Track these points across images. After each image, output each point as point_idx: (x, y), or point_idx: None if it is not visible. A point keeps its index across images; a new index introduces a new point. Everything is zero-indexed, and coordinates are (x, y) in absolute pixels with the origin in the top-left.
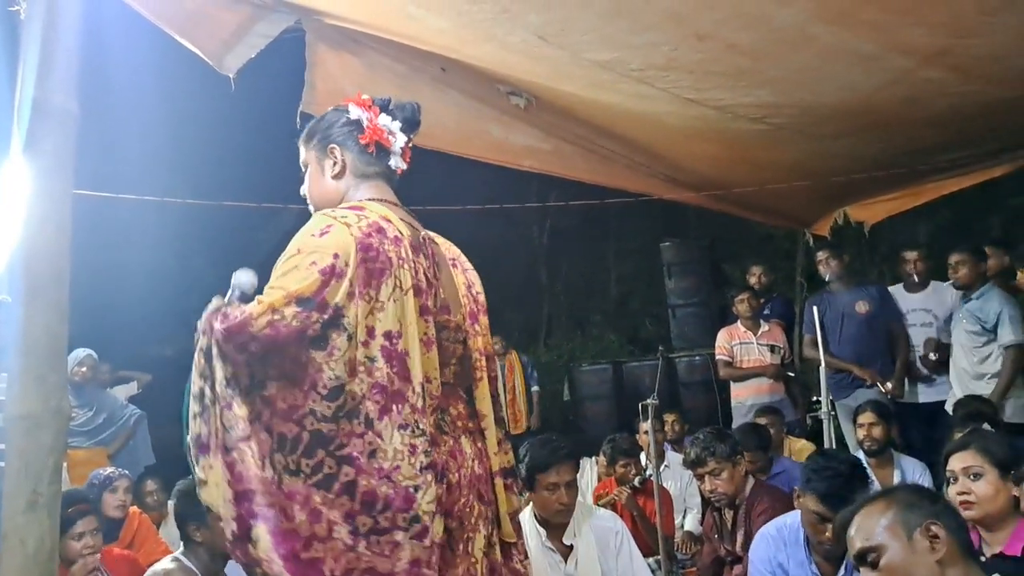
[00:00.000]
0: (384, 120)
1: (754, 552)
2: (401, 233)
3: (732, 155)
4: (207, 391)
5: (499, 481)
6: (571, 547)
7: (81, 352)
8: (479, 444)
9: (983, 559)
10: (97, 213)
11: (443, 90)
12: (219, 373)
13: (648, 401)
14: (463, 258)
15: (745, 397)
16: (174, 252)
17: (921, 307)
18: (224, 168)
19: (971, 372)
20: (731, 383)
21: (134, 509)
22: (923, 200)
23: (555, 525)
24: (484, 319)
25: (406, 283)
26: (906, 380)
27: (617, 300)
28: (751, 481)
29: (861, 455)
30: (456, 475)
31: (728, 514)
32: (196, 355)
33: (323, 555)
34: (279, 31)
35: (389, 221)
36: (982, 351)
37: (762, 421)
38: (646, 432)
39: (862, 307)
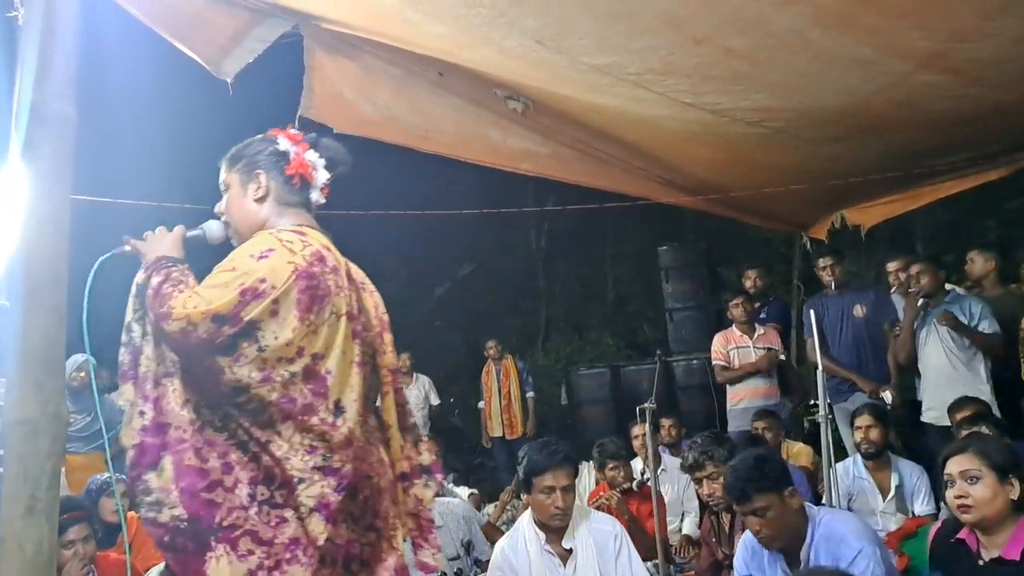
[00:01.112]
0: (311, 156)
1: (736, 557)
2: (338, 262)
3: (729, 159)
4: (135, 326)
5: (402, 485)
6: (570, 551)
7: (79, 357)
8: (387, 451)
9: (981, 563)
10: (95, 218)
11: (441, 94)
12: (151, 316)
13: (646, 405)
14: (368, 281)
15: (739, 400)
16: None
17: None
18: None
19: (963, 372)
20: (727, 386)
21: (132, 514)
22: (920, 203)
23: (554, 529)
24: (389, 336)
25: (341, 309)
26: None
27: (615, 304)
28: None
29: (859, 458)
30: (380, 480)
31: (726, 518)
32: (134, 286)
33: (221, 502)
34: (276, 36)
35: (329, 250)
36: (969, 350)
37: (759, 424)
38: (636, 436)
39: (859, 311)
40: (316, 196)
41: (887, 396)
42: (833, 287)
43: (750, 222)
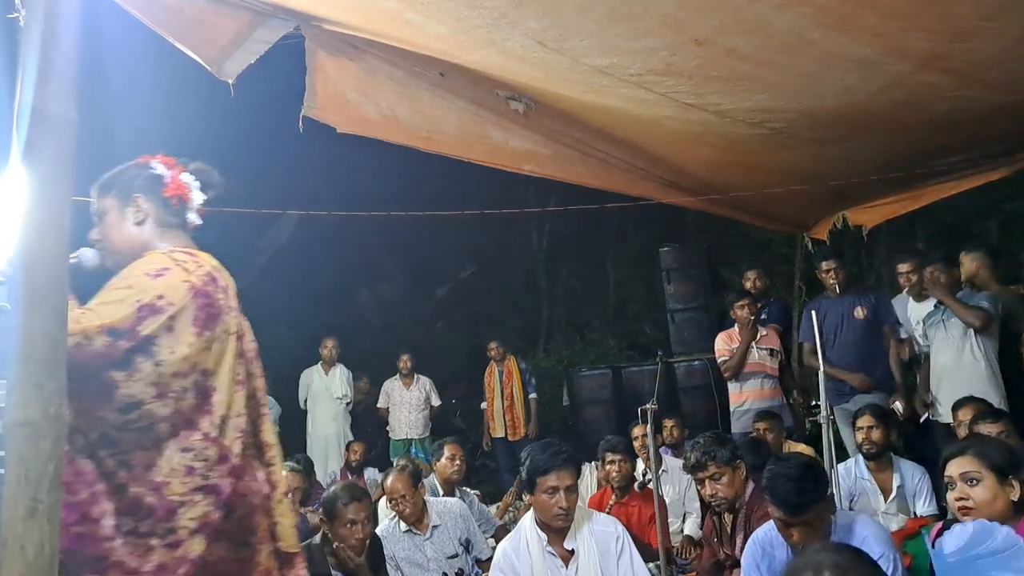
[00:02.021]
0: (186, 178)
1: (744, 556)
2: (228, 283)
3: (731, 159)
4: None
5: (286, 499)
6: (572, 552)
7: None
8: (266, 470)
9: None
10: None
11: (442, 95)
12: None
13: (647, 406)
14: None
15: (741, 402)
16: None
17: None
18: (222, 174)
19: (974, 370)
20: (732, 389)
21: None
22: (921, 204)
23: (556, 530)
24: (259, 361)
25: (231, 328)
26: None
27: (616, 305)
28: (751, 485)
29: (861, 458)
30: (254, 497)
31: (728, 518)
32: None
33: (89, 534)
34: (278, 37)
35: (219, 271)
36: (980, 349)
37: (760, 426)
38: (637, 437)
39: (860, 312)
40: (193, 217)
41: (897, 406)
42: (836, 290)
43: (751, 223)
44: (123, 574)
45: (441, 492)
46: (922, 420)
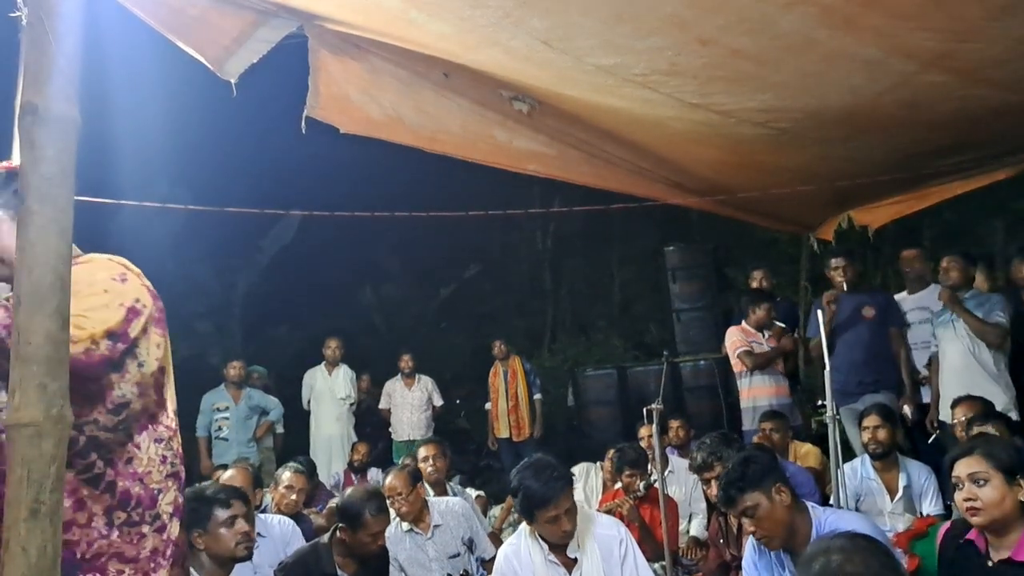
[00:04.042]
0: None
1: (744, 558)
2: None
3: (736, 160)
4: None
5: None
6: (575, 560)
7: None
8: None
9: (990, 564)
10: (98, 220)
11: (446, 95)
12: None
13: (653, 406)
14: None
15: (753, 398)
16: (175, 258)
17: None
18: (225, 174)
19: (982, 370)
20: (743, 386)
21: None
22: (927, 203)
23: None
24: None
25: (166, 331)
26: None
27: (621, 305)
28: None
29: (867, 458)
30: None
31: (734, 519)
32: None
33: (78, 539)
34: (281, 36)
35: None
36: (988, 348)
37: (766, 426)
38: (643, 438)
39: (868, 311)
40: None
41: (906, 411)
42: (845, 288)
43: (757, 223)
44: (123, 563)
45: (432, 493)
46: (931, 440)
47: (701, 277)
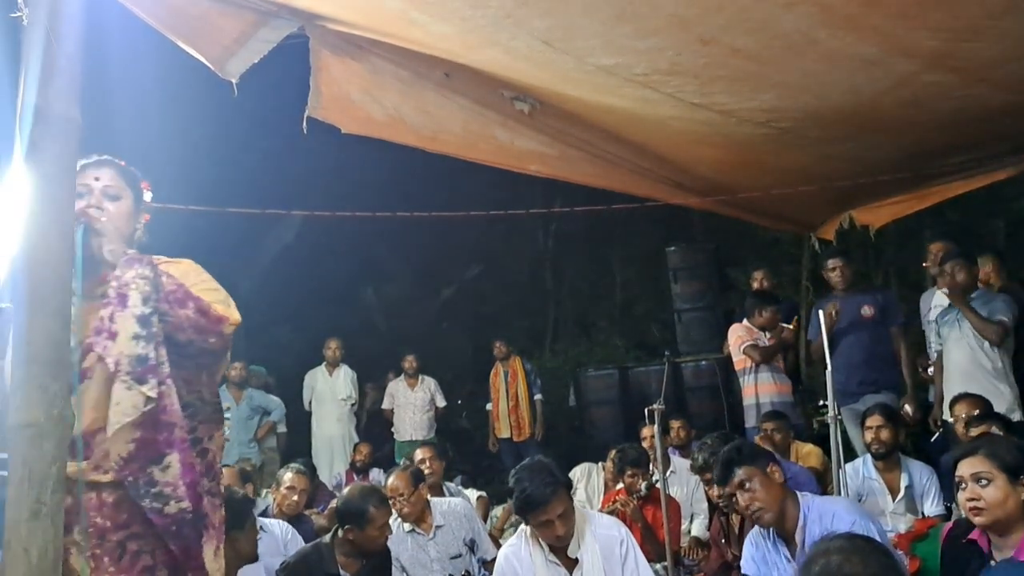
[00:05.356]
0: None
1: (743, 558)
2: None
3: (737, 159)
4: (155, 320)
5: None
6: (576, 560)
7: None
8: None
9: (993, 564)
10: None
11: (447, 95)
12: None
13: (654, 406)
14: None
15: (756, 395)
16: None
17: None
18: (227, 174)
19: (988, 370)
20: (746, 383)
21: None
22: (928, 203)
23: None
24: None
25: None
26: None
27: (623, 305)
28: None
29: (869, 458)
30: None
31: (735, 519)
32: (142, 281)
33: (202, 494)
34: (282, 37)
35: None
36: (994, 348)
37: (767, 426)
38: (645, 438)
39: (868, 311)
40: None
41: (907, 409)
42: (841, 287)
43: (758, 223)
44: (209, 528)
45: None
46: (933, 440)
47: (703, 277)
